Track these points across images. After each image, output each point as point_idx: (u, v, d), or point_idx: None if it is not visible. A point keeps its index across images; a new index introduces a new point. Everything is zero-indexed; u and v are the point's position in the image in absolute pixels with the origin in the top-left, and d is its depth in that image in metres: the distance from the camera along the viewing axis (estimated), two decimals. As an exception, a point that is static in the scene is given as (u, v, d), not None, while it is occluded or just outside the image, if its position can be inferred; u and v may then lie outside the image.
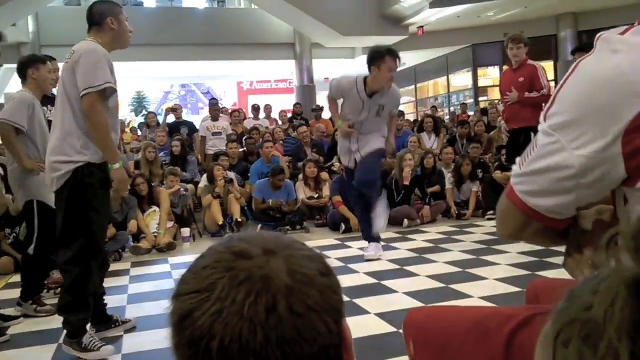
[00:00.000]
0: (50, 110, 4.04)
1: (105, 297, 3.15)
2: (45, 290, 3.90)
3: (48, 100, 4.00)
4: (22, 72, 3.59)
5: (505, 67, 5.34)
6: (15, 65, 3.77)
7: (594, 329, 0.39)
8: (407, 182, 6.24)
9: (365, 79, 4.25)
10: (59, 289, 3.95)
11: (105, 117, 2.69)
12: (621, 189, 0.82)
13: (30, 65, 3.56)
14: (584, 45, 6.41)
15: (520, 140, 5.09)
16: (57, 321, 3.36)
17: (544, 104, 4.18)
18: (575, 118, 0.79)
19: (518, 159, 0.90)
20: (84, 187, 2.68)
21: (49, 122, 3.96)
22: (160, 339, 2.87)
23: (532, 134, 5.27)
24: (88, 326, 2.84)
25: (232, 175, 6.48)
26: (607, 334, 0.37)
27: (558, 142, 0.81)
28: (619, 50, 0.77)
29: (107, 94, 2.71)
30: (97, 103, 2.64)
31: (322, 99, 14.97)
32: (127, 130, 10.28)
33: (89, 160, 2.68)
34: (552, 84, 13.39)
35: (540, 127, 0.85)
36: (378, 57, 4.15)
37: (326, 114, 10.48)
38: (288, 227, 6.08)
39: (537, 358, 0.45)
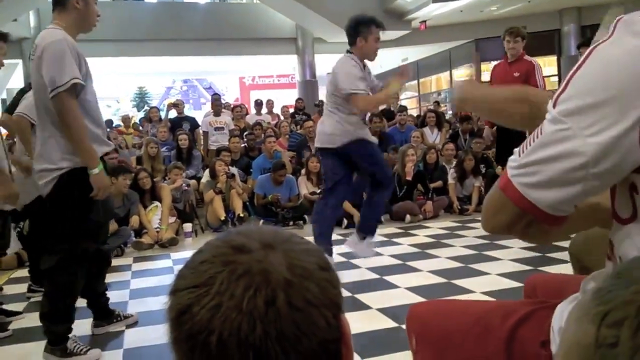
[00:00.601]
0: None
1: (107, 292, 3.15)
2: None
3: None
4: None
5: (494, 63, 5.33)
6: (17, 61, 3.77)
7: None
8: (409, 177, 6.23)
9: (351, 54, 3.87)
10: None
11: (79, 117, 2.47)
12: (627, 178, 0.79)
13: None
14: (590, 39, 6.38)
15: (512, 136, 5.06)
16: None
17: None
18: (592, 102, 0.75)
19: (516, 149, 0.86)
20: (68, 194, 2.53)
21: None
22: (162, 334, 2.86)
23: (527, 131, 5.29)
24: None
25: (234, 170, 6.47)
26: None
27: (569, 129, 0.76)
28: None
29: (77, 90, 2.49)
30: (68, 102, 2.43)
31: (324, 94, 14.97)
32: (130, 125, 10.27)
33: (73, 166, 2.51)
34: (555, 78, 13.30)
35: (548, 114, 0.81)
36: (364, 28, 3.88)
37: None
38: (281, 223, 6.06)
39: (568, 335, 0.42)
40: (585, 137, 0.75)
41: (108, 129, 8.83)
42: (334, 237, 5.44)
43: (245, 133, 8.03)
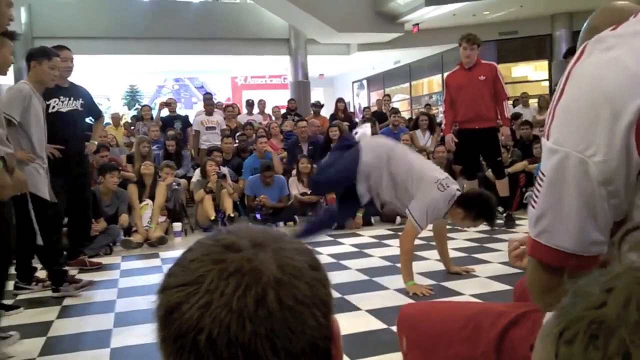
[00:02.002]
0: (63, 102, 4.03)
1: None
2: (34, 283, 3.88)
3: (59, 90, 3.98)
4: (27, 63, 3.64)
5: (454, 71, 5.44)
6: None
7: (603, 328, 0.37)
8: None
9: None
10: (47, 282, 3.95)
11: None
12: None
13: (34, 58, 3.60)
14: (574, 48, 6.44)
15: (483, 140, 5.14)
16: (53, 313, 3.36)
17: (504, 102, 4.19)
18: (582, 125, 0.74)
19: (529, 203, 0.82)
20: None
21: (59, 113, 3.96)
22: (150, 333, 2.85)
23: (498, 134, 5.35)
24: None
25: (225, 170, 6.46)
26: (618, 334, 0.36)
27: (569, 155, 0.74)
28: (613, 46, 0.75)
29: None
30: None
31: (316, 95, 14.97)
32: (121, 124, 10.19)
33: None
34: (546, 83, 13.37)
35: (543, 149, 0.79)
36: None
37: (324, 111, 10.48)
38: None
39: (535, 355, 0.44)
40: (588, 159, 0.73)
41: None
42: (324, 238, 5.45)
43: (237, 134, 8.00)
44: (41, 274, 3.92)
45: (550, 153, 0.77)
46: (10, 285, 3.88)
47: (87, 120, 4.61)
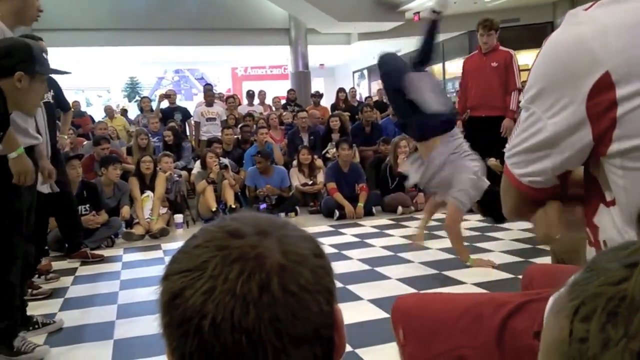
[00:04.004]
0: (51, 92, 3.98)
1: (25, 298, 2.98)
2: (36, 276, 3.88)
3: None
4: None
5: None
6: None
7: (624, 304, 0.36)
8: (401, 170, 6.22)
9: None
10: (50, 275, 3.96)
11: None
12: (600, 164, 0.85)
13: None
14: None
15: (490, 130, 4.97)
16: (56, 305, 3.37)
17: (513, 92, 4.14)
18: (545, 87, 0.84)
19: (509, 138, 0.97)
20: None
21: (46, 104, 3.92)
22: (153, 324, 2.86)
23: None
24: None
25: (226, 161, 6.45)
26: None
27: (534, 113, 0.87)
28: (582, 22, 0.82)
29: None
30: None
31: (317, 85, 14.91)
32: (117, 115, 10.16)
33: None
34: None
35: (521, 104, 0.92)
36: None
37: (324, 101, 10.45)
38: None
39: (546, 331, 0.42)
40: (546, 120, 0.85)
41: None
42: (325, 228, 5.45)
43: (240, 125, 7.98)
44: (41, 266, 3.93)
45: (523, 108, 0.90)
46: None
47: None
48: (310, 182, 6.58)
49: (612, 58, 0.76)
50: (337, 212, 5.89)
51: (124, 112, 10.96)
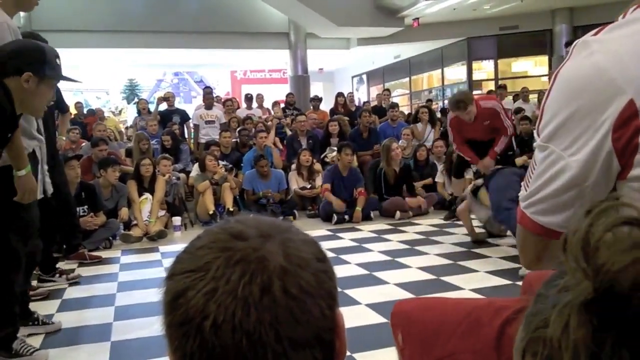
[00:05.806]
0: None
1: (29, 292, 3.00)
2: (57, 275, 3.91)
3: None
4: None
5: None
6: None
7: (552, 351, 0.37)
8: (395, 168, 6.23)
9: None
10: (71, 274, 3.95)
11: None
12: (616, 187, 0.82)
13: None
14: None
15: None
16: (54, 306, 3.36)
17: (504, 137, 4.10)
18: (563, 123, 0.80)
19: (523, 183, 0.91)
20: None
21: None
22: (150, 326, 2.87)
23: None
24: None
25: (224, 164, 6.47)
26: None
27: (553, 152, 0.82)
28: (595, 51, 0.78)
29: None
30: None
31: (316, 90, 14.93)
32: (115, 117, 10.17)
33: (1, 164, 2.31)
34: (546, 78, 13.34)
35: (534, 144, 0.87)
36: None
37: (323, 105, 10.45)
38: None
39: None
40: (567, 157, 0.80)
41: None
42: (324, 232, 5.46)
43: (238, 129, 7.99)
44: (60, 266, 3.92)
45: (539, 148, 0.85)
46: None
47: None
48: (309, 186, 6.59)
49: (634, 84, 0.74)
50: (335, 217, 5.90)
51: (118, 113, 10.95)
